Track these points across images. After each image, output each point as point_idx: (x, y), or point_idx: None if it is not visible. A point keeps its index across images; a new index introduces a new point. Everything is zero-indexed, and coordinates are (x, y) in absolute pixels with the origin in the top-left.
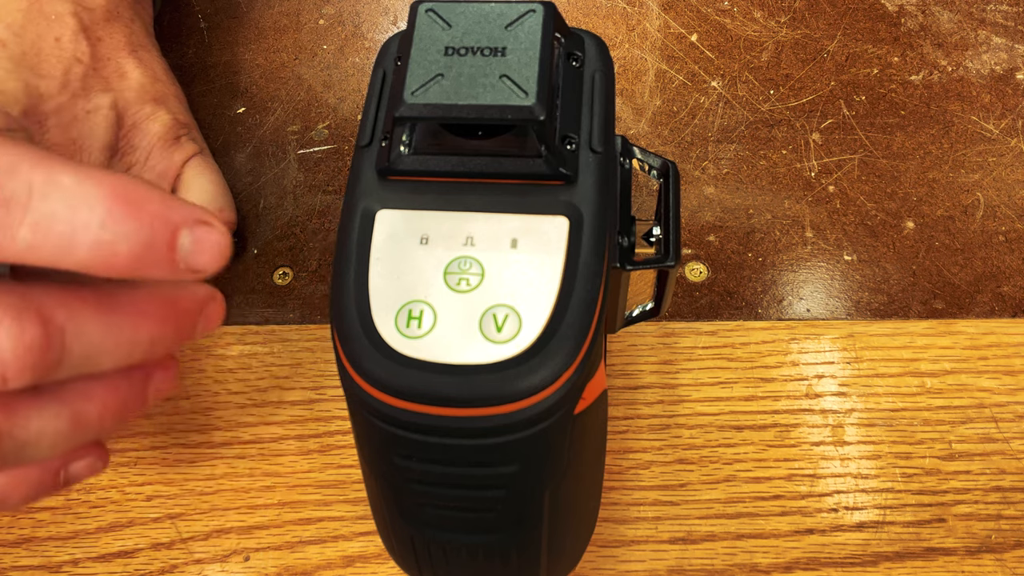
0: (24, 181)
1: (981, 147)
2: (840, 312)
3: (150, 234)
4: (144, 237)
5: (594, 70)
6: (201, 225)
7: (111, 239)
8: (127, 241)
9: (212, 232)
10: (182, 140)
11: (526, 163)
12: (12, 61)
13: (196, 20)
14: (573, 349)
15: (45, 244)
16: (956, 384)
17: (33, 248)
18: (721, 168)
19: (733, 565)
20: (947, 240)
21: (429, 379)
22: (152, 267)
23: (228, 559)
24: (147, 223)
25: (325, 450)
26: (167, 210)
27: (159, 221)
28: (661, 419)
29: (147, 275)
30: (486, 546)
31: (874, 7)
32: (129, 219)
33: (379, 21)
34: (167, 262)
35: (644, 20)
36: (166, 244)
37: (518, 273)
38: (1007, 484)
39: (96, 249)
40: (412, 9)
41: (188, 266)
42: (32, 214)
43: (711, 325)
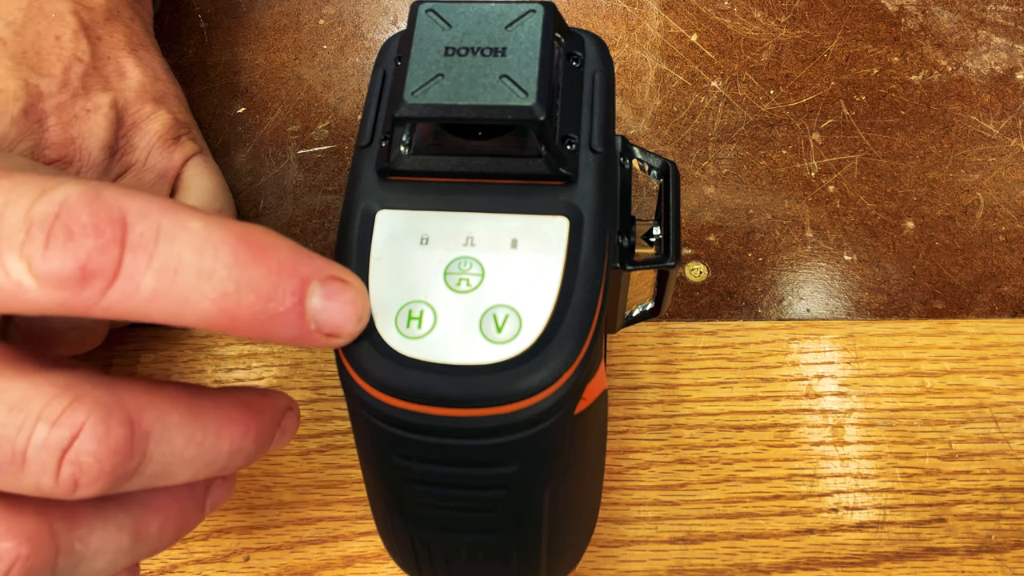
0: (153, 224)
1: (981, 147)
2: (840, 312)
3: (276, 284)
4: (270, 287)
5: (594, 70)
6: (334, 281)
7: (235, 288)
8: (252, 291)
9: (347, 289)
10: (182, 140)
11: (526, 163)
12: (12, 59)
13: (196, 20)
14: (573, 349)
15: (169, 293)
16: (956, 384)
17: (156, 298)
18: (721, 168)
19: (733, 565)
20: (947, 240)
21: (429, 379)
22: (278, 323)
23: (228, 559)
24: (273, 271)
25: (325, 450)
26: (296, 259)
27: (287, 270)
28: (661, 419)
29: (273, 333)
30: (486, 546)
31: (874, 7)
32: (254, 266)
33: (379, 21)
34: (295, 317)
35: (644, 20)
36: (293, 295)
37: (518, 273)
38: (1007, 484)
39: (220, 300)
40: (412, 9)
41: (319, 325)
42: (159, 258)
43: (711, 325)
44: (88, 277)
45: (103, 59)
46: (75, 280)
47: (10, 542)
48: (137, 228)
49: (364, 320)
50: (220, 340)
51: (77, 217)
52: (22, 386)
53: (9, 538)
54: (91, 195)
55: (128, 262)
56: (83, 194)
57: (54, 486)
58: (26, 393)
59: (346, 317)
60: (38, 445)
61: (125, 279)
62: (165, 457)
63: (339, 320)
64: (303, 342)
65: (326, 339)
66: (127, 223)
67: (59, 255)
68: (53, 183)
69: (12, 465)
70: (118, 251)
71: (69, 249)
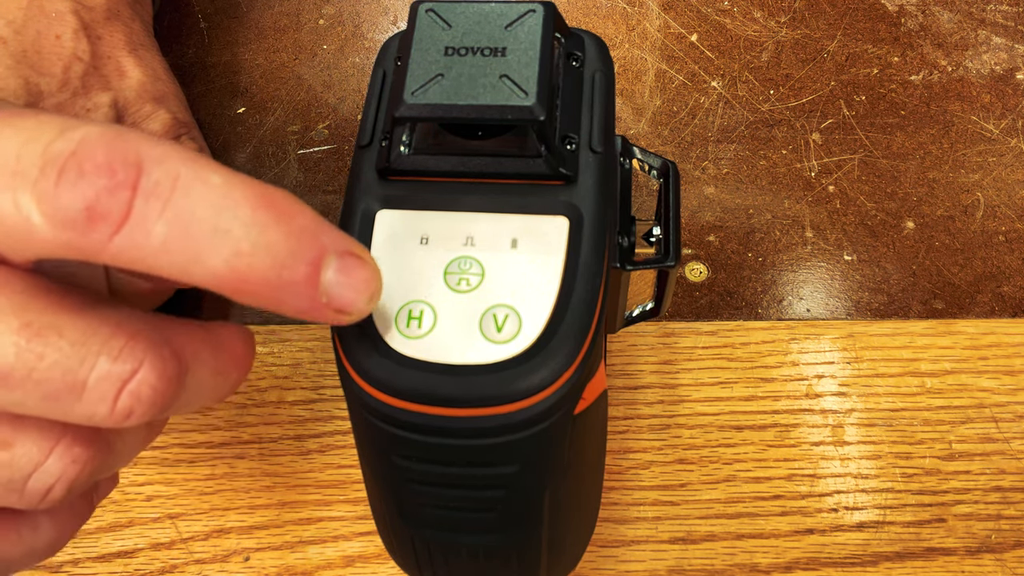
0: (171, 172)
1: (981, 147)
2: (840, 312)
3: (293, 250)
4: (287, 252)
5: (594, 70)
6: (351, 256)
7: (251, 249)
8: (268, 254)
9: (363, 266)
10: (182, 139)
11: (526, 163)
12: (12, 58)
13: (196, 20)
14: (573, 349)
15: (179, 246)
16: (956, 384)
17: (166, 248)
18: (721, 168)
19: (733, 565)
20: (947, 240)
21: (429, 379)
22: (289, 292)
23: (228, 559)
24: (293, 236)
25: (325, 450)
26: (316, 228)
27: (306, 237)
28: (661, 419)
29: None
30: (486, 546)
31: (874, 7)
32: (273, 228)
33: (379, 21)
34: (307, 288)
35: (644, 20)
36: (309, 265)
37: (518, 273)
38: (1007, 484)
39: (233, 259)
40: (412, 9)
41: (330, 299)
42: (172, 208)
43: (711, 325)
44: (95, 218)
45: (103, 58)
46: (82, 220)
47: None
48: (153, 174)
49: (375, 300)
50: None
51: (92, 155)
52: (82, 322)
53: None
54: (111, 135)
55: (139, 207)
56: (103, 134)
57: (108, 415)
58: (86, 329)
59: (359, 294)
60: (100, 376)
61: (134, 225)
62: (192, 388)
63: (351, 296)
64: (311, 314)
65: (335, 314)
66: (143, 168)
67: (68, 193)
68: (76, 123)
69: (71, 394)
70: (128, 194)
71: (79, 187)
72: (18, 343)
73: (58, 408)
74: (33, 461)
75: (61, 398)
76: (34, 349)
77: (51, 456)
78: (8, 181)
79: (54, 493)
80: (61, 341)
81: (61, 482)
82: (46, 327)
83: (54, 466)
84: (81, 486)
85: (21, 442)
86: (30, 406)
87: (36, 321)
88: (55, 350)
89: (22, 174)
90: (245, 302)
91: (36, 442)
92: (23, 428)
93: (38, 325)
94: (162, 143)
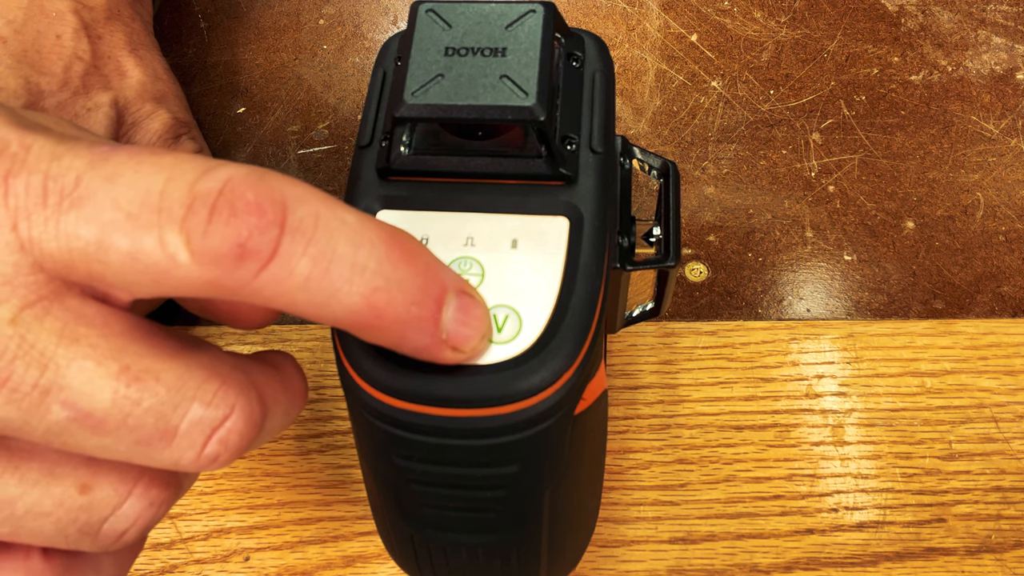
0: (312, 211)
1: (981, 147)
2: (840, 312)
3: (423, 288)
4: (417, 290)
5: (594, 70)
6: (466, 296)
7: (386, 285)
8: (400, 291)
9: (477, 306)
10: (182, 139)
11: (526, 163)
12: (13, 58)
13: (196, 20)
14: (573, 350)
15: (321, 282)
16: (956, 384)
17: (308, 286)
18: (721, 168)
19: (733, 565)
20: (947, 240)
21: (429, 379)
22: (415, 328)
23: (228, 559)
24: (420, 274)
25: (325, 450)
26: (438, 268)
27: (431, 276)
28: (661, 419)
29: (406, 338)
30: (486, 546)
31: (874, 7)
32: (404, 266)
33: (379, 21)
34: (431, 324)
35: (644, 20)
36: (434, 303)
37: (518, 273)
38: (1007, 484)
39: (371, 295)
40: (412, 9)
41: (449, 337)
42: (315, 246)
43: (711, 325)
44: (245, 256)
45: (103, 58)
46: (232, 258)
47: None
48: (297, 213)
49: (488, 339)
50: (221, 340)
51: (242, 195)
52: (178, 367)
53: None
54: (256, 176)
55: (285, 245)
56: (248, 174)
57: (194, 461)
58: (182, 374)
59: (475, 331)
60: (192, 423)
61: (281, 262)
62: (267, 432)
63: (468, 333)
64: (429, 352)
65: (451, 353)
66: (287, 207)
67: (220, 231)
68: (216, 163)
69: (162, 441)
70: (277, 232)
71: (232, 226)
72: (116, 388)
73: (146, 454)
74: (111, 505)
75: (152, 444)
76: (131, 395)
77: (129, 499)
78: (153, 218)
79: (128, 536)
80: (158, 386)
81: (136, 525)
82: (144, 372)
83: (131, 509)
84: (153, 526)
85: (100, 486)
86: (119, 451)
87: (135, 365)
88: (152, 395)
89: (168, 212)
90: (369, 338)
91: (115, 486)
92: (102, 472)
93: (137, 369)
94: (299, 183)
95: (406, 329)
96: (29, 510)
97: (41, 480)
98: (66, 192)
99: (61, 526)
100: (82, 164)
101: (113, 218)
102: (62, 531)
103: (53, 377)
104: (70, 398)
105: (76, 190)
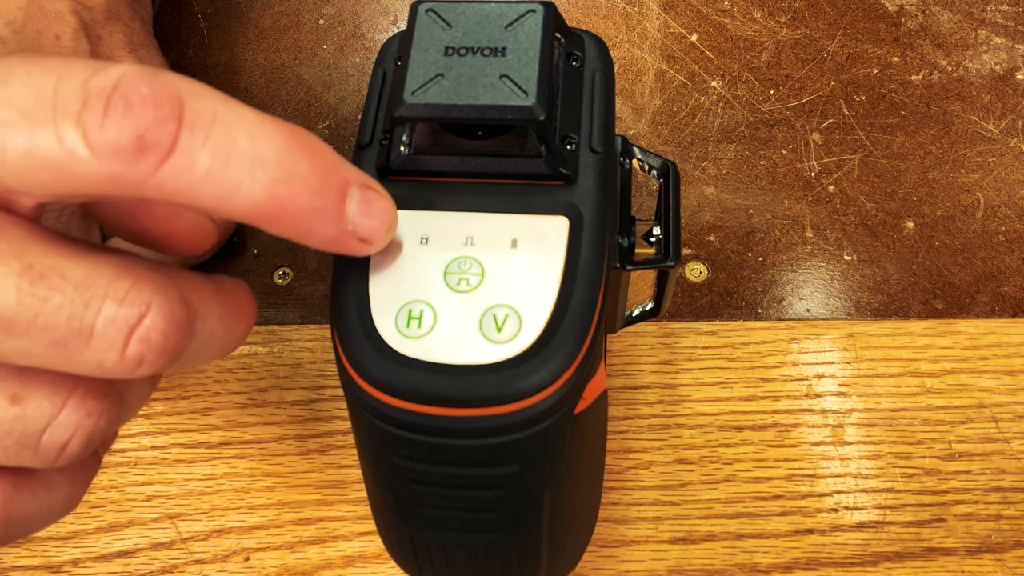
0: (209, 106)
1: (981, 147)
2: (840, 312)
3: (323, 180)
4: (317, 181)
5: (594, 70)
6: (370, 189)
7: (286, 177)
8: (301, 182)
9: (381, 199)
10: None
11: (526, 163)
12: None
13: (196, 20)
14: (573, 349)
15: (222, 175)
16: (956, 384)
17: (210, 178)
18: (721, 168)
19: (733, 565)
20: (947, 240)
21: (429, 379)
22: (319, 219)
23: (228, 559)
24: (320, 167)
25: (325, 450)
26: (338, 162)
27: (332, 169)
28: (661, 419)
29: (312, 230)
30: (486, 546)
31: (874, 7)
32: (304, 159)
33: (379, 21)
34: (336, 215)
35: (644, 20)
36: (337, 194)
37: (518, 273)
38: (1007, 484)
39: (272, 187)
40: (412, 9)
41: (355, 228)
42: (214, 138)
43: (711, 325)
44: (144, 149)
45: (103, 58)
46: (131, 151)
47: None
48: (194, 107)
49: (392, 232)
50: None
51: (137, 89)
52: (84, 265)
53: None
54: (149, 73)
55: (184, 138)
56: (142, 71)
57: (118, 363)
58: (90, 272)
59: (380, 223)
60: (107, 321)
61: (181, 155)
62: (203, 336)
63: (374, 225)
64: (337, 243)
65: (359, 244)
66: (184, 101)
67: (117, 124)
68: (109, 63)
69: (78, 340)
70: (175, 125)
71: (128, 118)
72: (20, 286)
73: (66, 356)
74: (46, 415)
75: (69, 344)
76: (37, 292)
77: (64, 409)
78: (48, 115)
79: (71, 448)
80: (64, 283)
81: (77, 436)
82: (49, 269)
83: (68, 419)
84: (96, 440)
85: (32, 396)
86: (37, 354)
87: (38, 263)
88: (59, 293)
89: (62, 108)
90: (277, 232)
91: (48, 396)
92: (33, 382)
93: (40, 267)
94: (196, 81)
95: (310, 221)
96: None
97: None
98: None
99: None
100: None
101: (7, 117)
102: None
103: None
104: None
105: None
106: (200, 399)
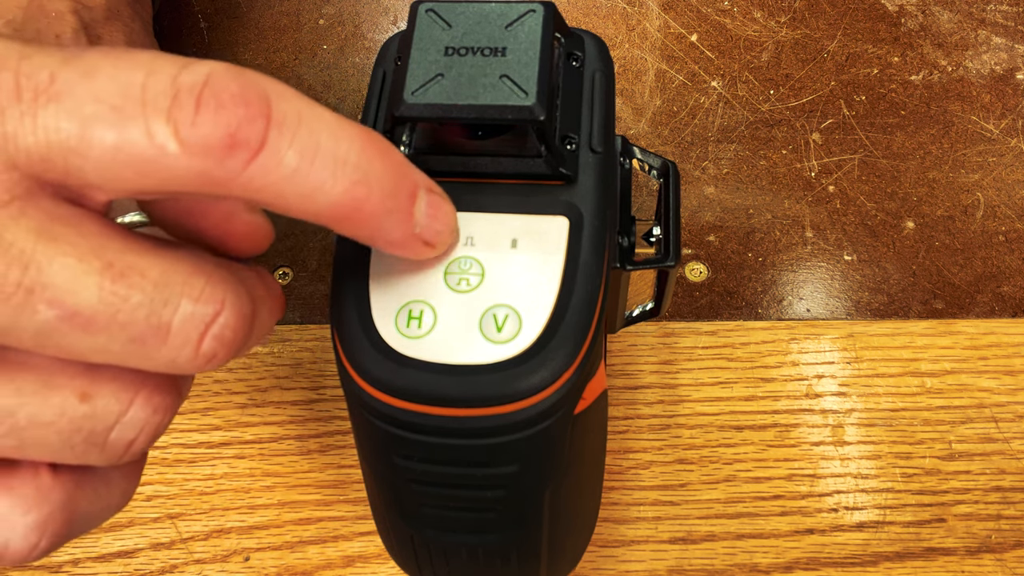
0: (295, 106)
1: (981, 147)
2: (840, 312)
3: (396, 182)
4: (391, 184)
5: (594, 70)
6: (435, 193)
7: (364, 179)
8: (379, 184)
9: (446, 203)
10: None
11: (526, 163)
12: None
13: (196, 20)
14: (573, 349)
15: (307, 176)
16: (956, 384)
17: (295, 177)
18: (721, 168)
19: (733, 565)
20: (947, 240)
21: (429, 379)
22: (391, 221)
23: (228, 559)
24: (393, 169)
25: (325, 450)
26: (409, 166)
27: (404, 172)
28: (661, 419)
29: (383, 231)
30: (486, 546)
31: (874, 7)
32: (380, 161)
33: (379, 21)
34: (406, 217)
35: (644, 20)
36: (408, 197)
37: (518, 273)
38: (1007, 484)
39: (352, 188)
40: (412, 9)
41: (421, 231)
42: (300, 139)
43: (711, 325)
44: (235, 146)
45: None
46: (222, 148)
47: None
48: (281, 107)
49: (456, 237)
50: None
51: (227, 87)
52: (160, 263)
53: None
54: (236, 70)
55: (273, 136)
56: (229, 68)
57: (191, 359)
58: (166, 270)
59: (445, 227)
60: (184, 318)
61: (269, 153)
62: (257, 328)
63: (439, 229)
64: (402, 246)
65: (423, 247)
66: (271, 101)
67: (210, 121)
68: (193, 60)
69: (156, 338)
70: (264, 124)
71: (220, 115)
72: (101, 284)
73: (142, 353)
74: (115, 413)
75: (147, 342)
76: (118, 291)
77: (132, 406)
78: (137, 109)
79: (137, 445)
80: (144, 281)
81: (144, 433)
82: (128, 268)
83: (136, 416)
84: (159, 436)
85: (101, 393)
86: (113, 352)
87: (118, 262)
88: (139, 291)
89: (153, 103)
90: (346, 231)
91: (116, 393)
92: (102, 379)
93: (120, 265)
94: (279, 81)
95: (383, 222)
96: (31, 420)
97: (39, 389)
98: (41, 88)
99: (65, 436)
100: (55, 62)
101: (96, 111)
102: (67, 442)
103: (36, 276)
104: (56, 296)
105: (52, 86)
106: (200, 399)
